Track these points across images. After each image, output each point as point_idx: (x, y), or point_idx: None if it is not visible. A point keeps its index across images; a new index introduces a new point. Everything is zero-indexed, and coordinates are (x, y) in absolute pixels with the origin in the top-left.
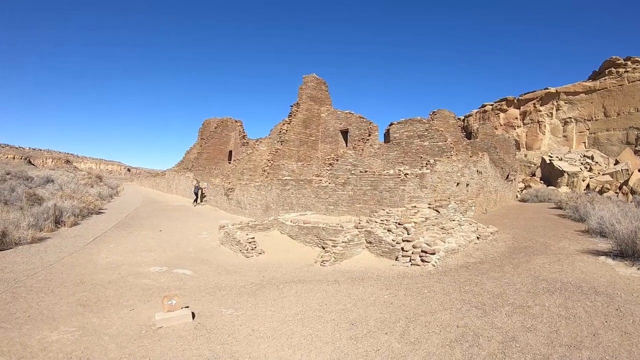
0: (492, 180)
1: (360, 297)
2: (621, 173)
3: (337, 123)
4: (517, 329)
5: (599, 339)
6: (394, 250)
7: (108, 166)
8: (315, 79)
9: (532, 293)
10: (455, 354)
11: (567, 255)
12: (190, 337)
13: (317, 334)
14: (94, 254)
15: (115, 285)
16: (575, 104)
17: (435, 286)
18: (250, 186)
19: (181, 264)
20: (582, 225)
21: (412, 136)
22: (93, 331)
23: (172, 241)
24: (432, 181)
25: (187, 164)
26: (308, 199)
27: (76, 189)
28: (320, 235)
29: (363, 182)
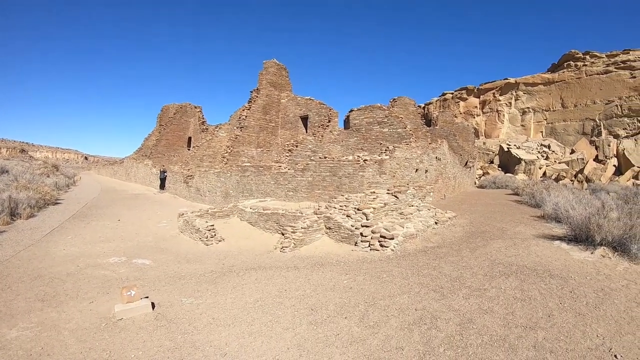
0: (451, 167)
1: (320, 283)
2: (577, 162)
3: (297, 109)
4: (474, 311)
5: (554, 319)
6: (353, 235)
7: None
8: (275, 65)
9: (489, 276)
10: (413, 336)
11: (523, 240)
12: (151, 328)
13: (277, 320)
14: (52, 246)
15: (74, 278)
16: (534, 94)
17: (394, 270)
18: (210, 173)
19: (140, 253)
20: (538, 211)
21: (372, 123)
22: (52, 326)
23: (131, 231)
24: (391, 167)
25: (146, 151)
26: (267, 185)
27: (32, 179)
28: (279, 221)
29: (322, 168)
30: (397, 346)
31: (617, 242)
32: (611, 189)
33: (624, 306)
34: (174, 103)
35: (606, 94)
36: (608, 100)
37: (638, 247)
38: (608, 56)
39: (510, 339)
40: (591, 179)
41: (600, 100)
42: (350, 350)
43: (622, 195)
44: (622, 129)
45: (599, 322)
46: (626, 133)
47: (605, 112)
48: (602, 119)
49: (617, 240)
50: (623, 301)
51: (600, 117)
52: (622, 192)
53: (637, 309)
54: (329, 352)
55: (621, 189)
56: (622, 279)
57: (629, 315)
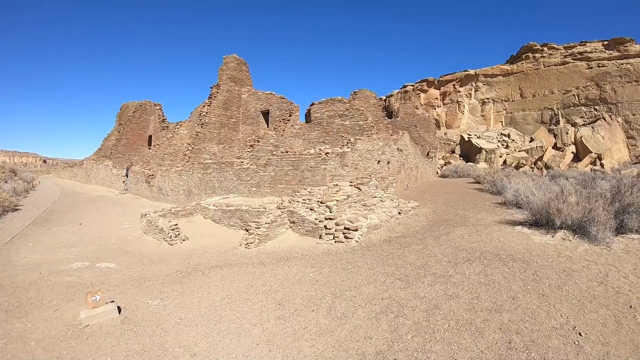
0: (413, 158)
1: (286, 277)
2: (536, 150)
3: (258, 104)
4: (439, 297)
5: (518, 302)
6: (317, 228)
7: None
8: (235, 60)
9: (453, 263)
10: (381, 325)
11: (485, 226)
12: (118, 333)
13: (245, 316)
14: (12, 254)
15: (37, 286)
16: (493, 85)
17: (359, 261)
18: (172, 171)
19: (104, 257)
20: (499, 198)
21: (333, 116)
22: (18, 337)
23: (93, 234)
24: (354, 159)
25: (106, 152)
26: (230, 182)
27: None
28: (243, 217)
29: (284, 162)
30: (366, 335)
31: (577, 225)
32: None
33: (585, 286)
34: (133, 101)
35: (564, 84)
36: (566, 90)
37: (597, 229)
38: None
39: (477, 323)
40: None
41: (558, 90)
42: (319, 342)
43: (581, 180)
44: (579, 118)
45: (562, 302)
46: (583, 121)
47: (563, 101)
48: (560, 108)
49: (576, 223)
50: (584, 281)
51: (558, 107)
52: (580, 178)
53: (598, 288)
54: (298, 346)
55: (579, 175)
56: (583, 260)
57: (590, 294)
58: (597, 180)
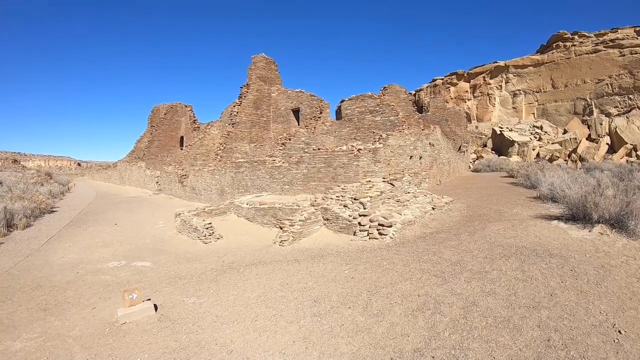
0: (445, 152)
1: (321, 274)
2: (569, 142)
3: (288, 102)
4: (476, 294)
5: (557, 298)
6: (352, 225)
7: (57, 162)
8: (264, 59)
9: (489, 259)
10: (418, 322)
11: (521, 221)
12: (155, 330)
13: (281, 314)
14: (50, 254)
15: (74, 285)
16: (524, 76)
17: (394, 258)
18: (204, 171)
19: (139, 256)
20: (534, 192)
21: (364, 112)
22: (56, 335)
23: (128, 234)
24: (386, 155)
25: (139, 153)
26: (262, 180)
27: (26, 189)
28: (277, 215)
29: (317, 159)
30: (403, 333)
31: (615, 219)
32: (605, 167)
33: (624, 282)
34: (164, 103)
35: (596, 73)
36: (598, 79)
37: (635, 223)
38: (597, 35)
39: (515, 320)
40: (585, 158)
41: (590, 80)
42: (355, 339)
43: (617, 172)
44: (613, 107)
45: (601, 299)
46: (617, 111)
47: (595, 91)
48: (593, 98)
49: (614, 217)
50: (623, 277)
51: (591, 97)
52: (616, 170)
53: (637, 284)
54: (334, 343)
55: (615, 167)
56: (622, 255)
57: (630, 290)
58: (634, 173)
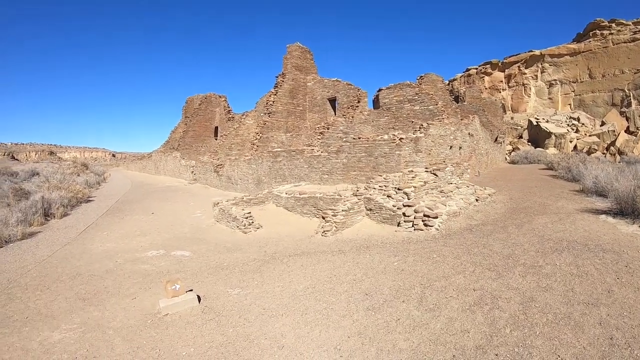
0: (483, 143)
1: (370, 266)
2: (607, 134)
3: (325, 91)
4: (533, 289)
5: (614, 295)
6: (395, 216)
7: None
8: (299, 48)
9: (541, 252)
10: (477, 317)
11: (568, 215)
12: (199, 322)
13: (332, 307)
14: (88, 243)
15: (113, 274)
16: (560, 66)
17: (443, 250)
18: (240, 161)
19: (178, 245)
20: (576, 185)
21: (402, 101)
22: (96, 326)
23: (166, 223)
24: (427, 145)
25: (173, 144)
26: (301, 169)
27: (63, 179)
28: (317, 205)
29: (357, 149)
30: (462, 329)
31: None
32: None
33: None
34: (198, 94)
35: (635, 63)
36: (637, 69)
37: None
38: (635, 23)
39: (575, 317)
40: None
41: (628, 70)
42: (413, 335)
43: None
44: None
45: None
46: None
47: (634, 81)
48: (631, 89)
49: None
50: None
51: (629, 87)
52: None
53: None
54: (392, 339)
55: None
56: None
57: None
58: None
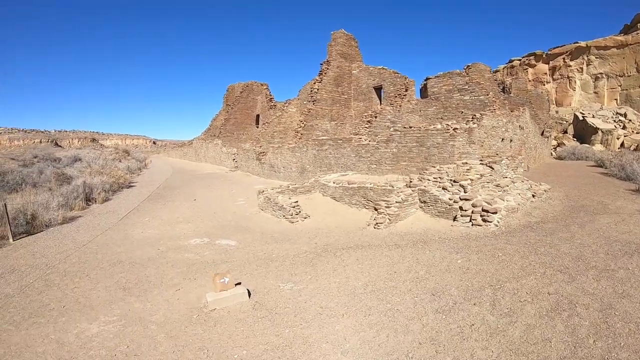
0: (532, 137)
1: (431, 263)
2: None
3: (370, 79)
4: (609, 295)
5: None
6: (452, 209)
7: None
8: (344, 35)
9: (611, 255)
10: (556, 325)
11: (630, 215)
12: (251, 320)
13: (396, 308)
14: (129, 229)
15: (156, 262)
16: (607, 59)
17: (508, 248)
18: (284, 149)
19: (223, 233)
20: (631, 185)
21: (452, 90)
22: (137, 319)
23: (208, 210)
24: (480, 136)
25: (214, 131)
26: (348, 158)
27: (104, 164)
28: (367, 195)
29: (408, 138)
30: (543, 338)
31: None
32: None
33: None
34: (239, 82)
35: None
36: None
37: None
38: None
39: None
40: None
41: None
42: (491, 343)
43: None
44: None
45: None
46: None
47: None
48: None
49: None
50: None
51: None
52: None
53: None
54: (468, 347)
55: None
56: None
57: None
58: None
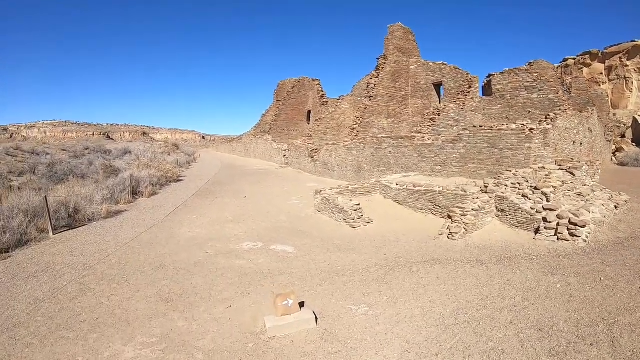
0: (599, 140)
1: (526, 286)
2: None
3: (429, 75)
4: None
5: None
6: (533, 220)
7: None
8: (401, 29)
9: None
10: None
11: None
12: (321, 356)
13: (501, 347)
14: (175, 227)
15: (203, 268)
16: None
17: (607, 271)
18: (339, 146)
19: (277, 237)
20: None
21: (518, 88)
22: (181, 344)
23: (260, 209)
24: (554, 138)
25: (264, 127)
26: (409, 158)
27: (153, 157)
28: (436, 200)
29: (478, 138)
30: None
31: None
32: None
33: None
34: (290, 78)
35: None
36: None
37: None
38: None
39: None
40: None
41: None
42: None
43: None
44: None
45: None
46: None
47: None
48: None
49: None
50: None
51: None
52: None
53: None
54: None
55: None
56: None
57: None
58: None
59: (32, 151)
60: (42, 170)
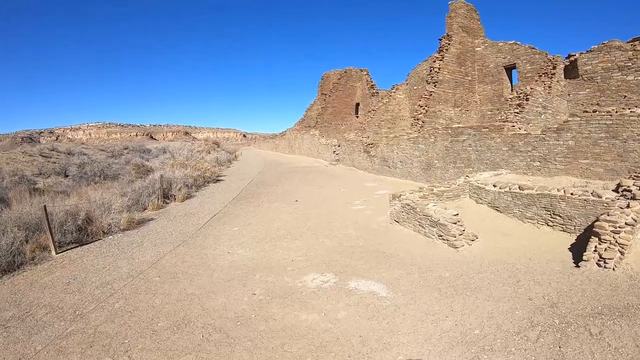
0: None
1: None
2: None
3: (500, 57)
4: None
5: None
6: None
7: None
8: (464, 5)
9: None
10: None
11: None
12: None
13: None
14: (210, 245)
15: (250, 331)
16: None
17: None
18: (402, 139)
19: (354, 265)
20: None
21: (610, 68)
22: None
23: (319, 217)
24: None
25: (309, 122)
26: (496, 153)
27: (189, 155)
28: (555, 208)
29: (592, 127)
30: None
31: None
32: None
33: None
34: (335, 70)
35: None
36: None
37: None
38: None
39: None
40: None
41: None
42: None
43: None
44: None
45: None
46: None
47: None
48: None
49: None
50: None
51: None
52: None
53: None
54: None
55: None
56: None
57: None
58: None
59: (67, 152)
60: (73, 171)
